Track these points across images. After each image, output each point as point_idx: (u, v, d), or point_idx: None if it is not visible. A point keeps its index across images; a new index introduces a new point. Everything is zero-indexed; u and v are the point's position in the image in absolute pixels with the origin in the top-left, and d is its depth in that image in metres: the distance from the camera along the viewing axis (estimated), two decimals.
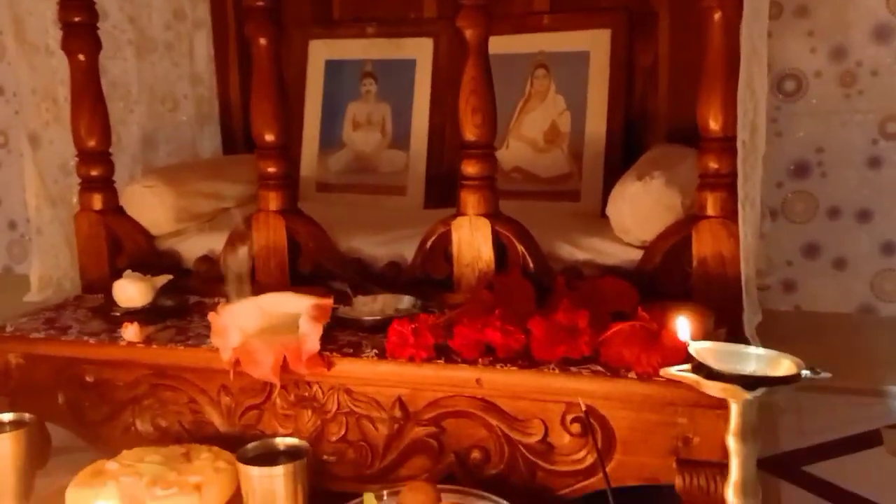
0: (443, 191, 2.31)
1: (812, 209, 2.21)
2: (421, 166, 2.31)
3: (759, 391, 0.80)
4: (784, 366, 0.83)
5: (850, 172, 2.17)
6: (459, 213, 1.65)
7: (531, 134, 2.22)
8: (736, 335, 1.48)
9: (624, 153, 2.14)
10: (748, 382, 0.81)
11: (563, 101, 2.21)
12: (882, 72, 2.10)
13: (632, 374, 1.33)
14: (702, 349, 0.87)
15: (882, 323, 2.22)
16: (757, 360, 0.85)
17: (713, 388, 0.84)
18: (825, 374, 0.81)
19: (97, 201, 1.90)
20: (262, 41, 1.72)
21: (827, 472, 1.75)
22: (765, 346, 1.47)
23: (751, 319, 1.50)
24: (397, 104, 2.35)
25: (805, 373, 0.81)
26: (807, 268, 2.24)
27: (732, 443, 0.87)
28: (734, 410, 0.85)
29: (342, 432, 1.48)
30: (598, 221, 1.95)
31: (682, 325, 0.90)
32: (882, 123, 2.12)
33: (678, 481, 1.30)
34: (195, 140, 2.47)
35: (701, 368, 0.85)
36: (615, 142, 2.16)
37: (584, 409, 1.11)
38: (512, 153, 2.21)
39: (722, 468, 1.29)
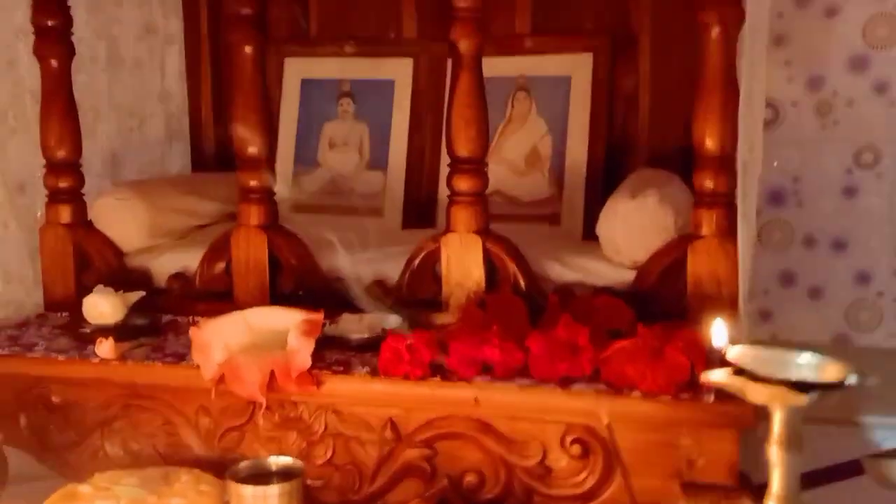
0: (421, 213, 2.26)
1: (788, 238, 2.22)
2: (399, 188, 2.26)
3: (812, 395, 0.77)
4: (830, 372, 0.80)
5: (825, 201, 2.18)
6: (449, 230, 1.61)
7: (512, 157, 2.20)
8: None
9: (605, 177, 2.13)
10: (798, 387, 0.77)
11: (545, 124, 2.19)
12: (858, 101, 2.13)
13: (635, 393, 1.29)
14: (741, 353, 0.84)
15: (856, 353, 2.22)
16: (799, 366, 0.81)
17: (759, 394, 0.80)
18: (872, 380, 0.78)
19: (65, 214, 1.80)
20: (248, 49, 1.67)
21: (814, 500, 1.73)
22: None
23: (745, 338, 1.48)
24: (375, 125, 2.30)
25: (851, 379, 0.78)
26: (783, 296, 2.24)
27: (776, 453, 0.83)
28: (778, 418, 0.81)
29: (329, 455, 1.41)
30: (581, 244, 1.93)
31: (719, 329, 0.86)
32: (857, 153, 2.15)
33: None
34: (164, 157, 2.39)
35: (742, 373, 0.82)
36: (596, 166, 2.14)
37: (606, 422, 1.06)
38: (492, 176, 2.12)
39: (728, 492, 1.27)
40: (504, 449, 1.35)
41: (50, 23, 1.75)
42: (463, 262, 1.60)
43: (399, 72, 2.31)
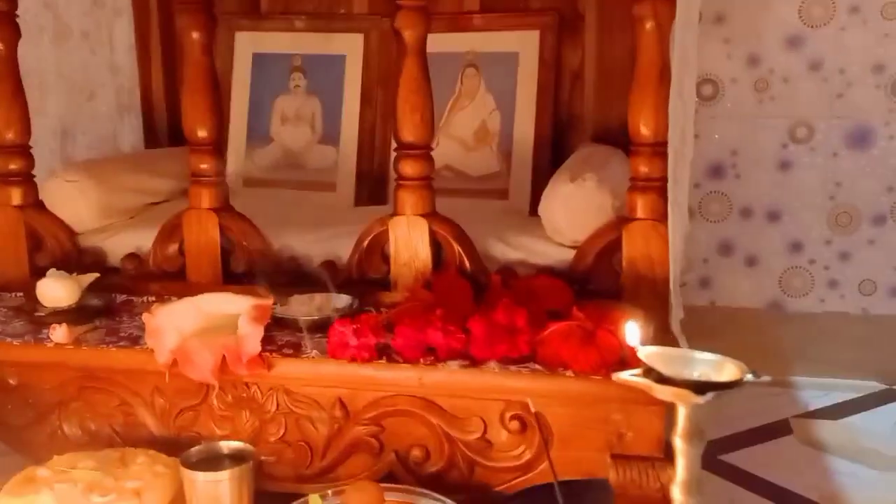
0: (373, 188, 2.31)
1: (727, 209, 2.32)
2: (351, 163, 2.30)
3: (708, 395, 0.85)
4: (728, 370, 0.88)
5: (762, 174, 2.28)
6: (396, 213, 1.66)
7: (461, 132, 2.25)
8: (663, 332, 1.55)
9: (552, 153, 2.19)
10: (697, 387, 0.85)
11: (493, 100, 2.24)
12: (793, 79, 2.21)
13: (569, 373, 1.37)
14: (650, 354, 0.91)
15: (789, 317, 2.34)
16: (702, 364, 0.90)
17: (664, 393, 0.88)
18: (765, 378, 0.87)
19: (16, 196, 1.82)
20: (195, 35, 1.68)
21: (742, 460, 1.85)
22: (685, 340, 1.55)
23: (676, 317, 1.57)
24: (327, 99, 2.33)
25: (748, 377, 0.86)
26: (721, 265, 2.35)
27: (680, 444, 0.91)
28: (682, 413, 0.89)
29: (281, 433, 1.47)
30: (528, 220, 2.00)
31: (632, 330, 0.94)
32: (792, 128, 2.24)
33: (612, 475, 1.35)
34: (115, 132, 2.40)
35: (650, 373, 0.90)
36: (543, 142, 2.20)
37: (533, 409, 1.14)
38: (442, 151, 2.22)
39: (654, 462, 1.36)
40: (447, 425, 1.42)
41: None
42: (410, 244, 1.66)
43: (350, 47, 2.33)
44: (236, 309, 1.46)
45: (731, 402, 2.04)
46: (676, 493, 0.93)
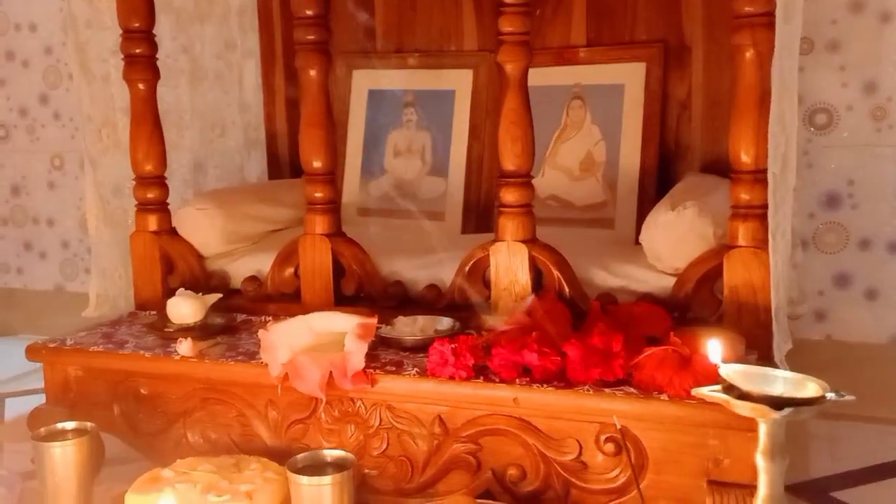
0: (480, 216, 2.38)
1: (843, 240, 2.24)
2: (459, 193, 2.38)
3: (787, 411, 0.85)
4: (810, 388, 0.87)
5: (880, 204, 2.20)
6: (498, 239, 1.71)
7: (567, 163, 2.29)
8: (766, 361, 1.52)
9: (658, 183, 2.20)
10: (776, 403, 0.86)
11: (599, 131, 2.27)
12: None
13: (664, 396, 1.38)
14: (732, 371, 0.92)
15: None
16: (784, 382, 0.90)
17: (742, 408, 0.89)
18: (849, 397, 0.86)
19: (152, 223, 1.99)
20: (312, 73, 1.81)
21: (855, 498, 1.77)
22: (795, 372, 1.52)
23: (780, 346, 1.54)
24: (437, 133, 2.43)
25: (830, 395, 0.85)
26: (838, 297, 2.27)
27: (761, 461, 0.91)
28: (763, 430, 0.89)
29: (384, 447, 1.54)
30: (632, 248, 2.00)
31: (714, 348, 0.95)
32: None
33: (708, 502, 1.34)
34: (242, 165, 2.57)
35: (731, 389, 0.90)
36: (649, 171, 2.21)
37: (618, 426, 1.16)
38: (548, 181, 2.28)
39: (752, 490, 1.34)
40: (543, 445, 1.45)
41: (137, 51, 1.94)
42: (510, 269, 1.71)
43: (459, 82, 2.42)
44: (344, 327, 1.54)
45: (848, 440, 1.99)
46: None
